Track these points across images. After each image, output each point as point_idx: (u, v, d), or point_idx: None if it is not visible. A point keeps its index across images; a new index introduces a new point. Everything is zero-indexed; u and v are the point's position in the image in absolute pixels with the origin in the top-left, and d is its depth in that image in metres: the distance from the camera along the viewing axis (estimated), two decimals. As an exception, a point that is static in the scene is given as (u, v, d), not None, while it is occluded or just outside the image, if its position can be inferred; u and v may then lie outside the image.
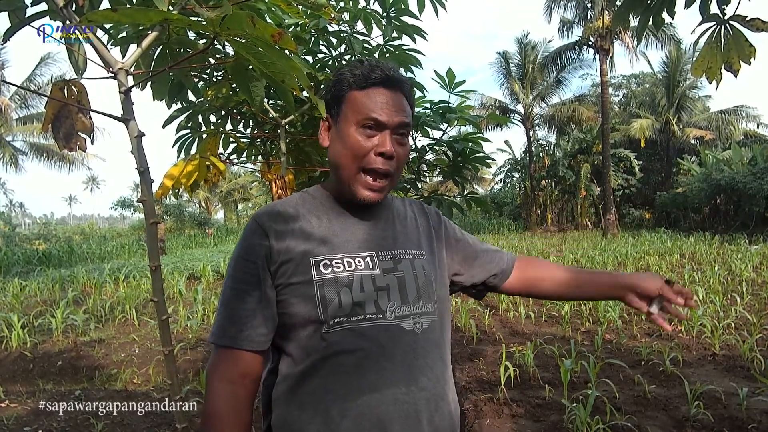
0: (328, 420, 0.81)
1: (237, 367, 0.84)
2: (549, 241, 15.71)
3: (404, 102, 0.90)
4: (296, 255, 0.84)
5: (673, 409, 2.95)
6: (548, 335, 4.55)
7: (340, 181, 0.90)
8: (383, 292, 0.85)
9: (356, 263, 0.86)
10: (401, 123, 0.88)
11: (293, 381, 0.84)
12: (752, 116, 21.95)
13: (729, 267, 8.30)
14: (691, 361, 3.80)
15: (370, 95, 0.87)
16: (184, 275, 8.61)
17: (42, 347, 4.81)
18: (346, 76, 0.89)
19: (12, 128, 21.30)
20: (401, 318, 0.85)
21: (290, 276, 0.83)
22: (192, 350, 4.53)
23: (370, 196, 0.88)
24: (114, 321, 5.71)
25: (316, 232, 0.87)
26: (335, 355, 0.81)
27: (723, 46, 1.34)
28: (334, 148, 0.90)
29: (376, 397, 0.81)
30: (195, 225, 27.75)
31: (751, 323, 4.49)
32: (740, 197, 16.12)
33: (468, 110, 2.21)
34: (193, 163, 1.44)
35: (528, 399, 3.14)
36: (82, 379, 4.07)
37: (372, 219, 0.92)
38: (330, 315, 0.81)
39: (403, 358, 0.83)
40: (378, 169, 0.86)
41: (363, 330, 0.82)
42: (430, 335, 0.88)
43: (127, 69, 0.87)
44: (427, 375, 0.85)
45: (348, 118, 0.87)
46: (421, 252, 0.94)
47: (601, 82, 18.78)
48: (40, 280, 8.96)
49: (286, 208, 0.89)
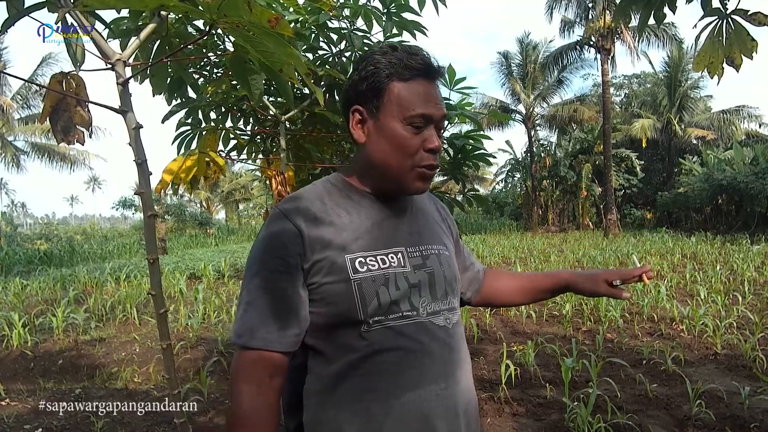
0: (370, 418, 0.79)
1: (267, 370, 0.80)
2: (550, 241, 15.69)
3: (440, 92, 0.88)
4: (331, 253, 0.81)
5: (675, 408, 2.93)
6: (549, 334, 4.53)
7: (385, 177, 0.86)
8: (415, 289, 0.84)
9: (389, 260, 0.84)
10: (443, 115, 0.87)
11: (328, 381, 0.82)
12: (754, 116, 21.93)
13: (731, 267, 8.28)
14: (693, 361, 3.79)
15: (414, 89, 0.83)
16: (185, 275, 8.61)
17: (43, 346, 4.81)
18: (382, 65, 0.84)
19: (14, 128, 21.33)
20: (432, 314, 0.85)
21: (325, 275, 0.80)
22: (192, 349, 4.53)
23: (423, 186, 0.87)
24: (115, 320, 5.71)
25: (348, 228, 0.84)
26: (376, 353, 0.80)
27: (725, 41, 1.33)
28: (377, 145, 0.85)
29: (419, 394, 0.81)
30: (196, 225, 27.78)
31: (753, 323, 4.47)
32: (742, 197, 16.08)
33: (469, 108, 2.20)
34: (192, 158, 1.43)
35: (529, 398, 3.13)
36: (82, 377, 4.07)
37: (398, 213, 0.91)
38: (369, 314, 0.80)
39: (440, 353, 0.84)
40: (431, 165, 0.85)
41: (402, 328, 0.82)
42: (457, 330, 0.89)
43: (125, 60, 0.87)
44: (461, 368, 0.87)
45: (393, 113, 0.83)
46: (444, 247, 0.94)
47: (603, 82, 18.76)
48: (41, 280, 8.96)
49: (314, 202, 0.85)
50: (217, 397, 3.37)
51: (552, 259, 10.24)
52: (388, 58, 0.84)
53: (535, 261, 10.14)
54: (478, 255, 11.79)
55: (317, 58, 2.03)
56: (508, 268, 9.13)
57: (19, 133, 21.90)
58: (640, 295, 5.89)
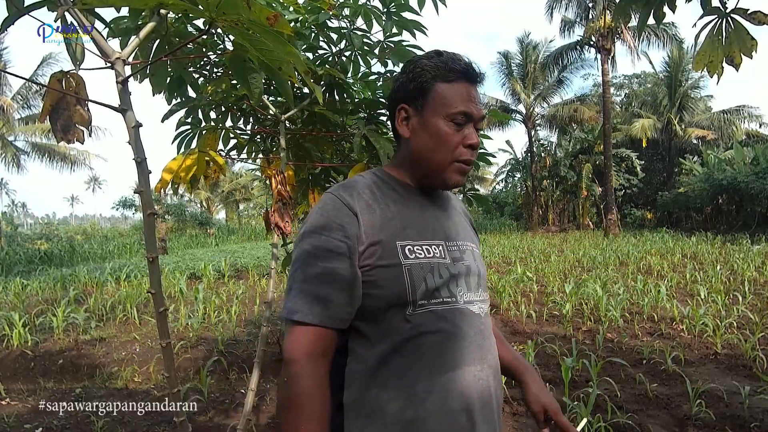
0: (413, 396, 0.84)
1: (321, 345, 0.84)
2: (550, 241, 15.68)
3: (479, 95, 0.95)
4: (383, 238, 0.86)
5: (675, 408, 2.93)
6: (549, 334, 4.53)
7: (428, 170, 0.93)
8: (454, 279, 0.90)
9: (433, 251, 0.90)
10: (483, 115, 0.94)
11: (371, 362, 0.86)
12: (754, 116, 21.92)
13: (731, 267, 8.28)
14: (693, 360, 3.79)
15: (456, 89, 0.91)
16: (185, 275, 8.61)
17: (43, 346, 4.81)
18: (428, 68, 0.92)
19: (14, 128, 21.32)
20: (468, 303, 0.91)
21: (379, 258, 0.85)
22: (193, 348, 4.53)
23: (461, 180, 0.94)
24: (115, 320, 5.71)
25: (397, 217, 0.90)
26: (419, 336, 0.85)
27: (724, 40, 1.33)
28: (421, 140, 0.92)
29: (459, 374, 0.86)
30: (196, 225, 27.78)
31: (753, 322, 4.47)
32: (742, 197, 16.07)
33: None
34: (192, 157, 1.43)
35: (529, 397, 3.12)
36: (82, 377, 4.07)
37: (439, 208, 0.98)
38: (418, 297, 0.85)
39: (475, 338, 0.90)
40: (469, 161, 0.92)
41: (443, 312, 0.87)
42: (488, 319, 0.96)
43: (125, 59, 0.87)
44: (492, 353, 0.93)
45: (436, 111, 0.90)
46: (476, 245, 1.01)
47: (603, 82, 18.75)
48: (41, 280, 8.96)
49: (365, 190, 0.91)
50: (217, 396, 3.37)
51: (552, 259, 10.24)
52: (434, 62, 0.92)
53: (535, 261, 10.14)
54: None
55: (317, 58, 2.03)
56: (508, 268, 9.13)
57: (19, 133, 21.90)
58: (640, 294, 5.89)
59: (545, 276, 8.13)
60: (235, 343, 4.67)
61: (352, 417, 0.87)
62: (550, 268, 8.86)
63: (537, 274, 8.19)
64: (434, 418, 0.84)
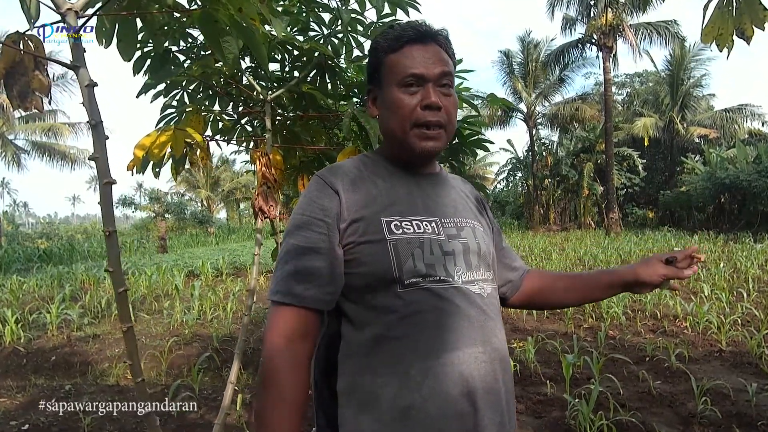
0: (408, 380, 0.79)
1: (300, 326, 0.81)
2: (552, 240, 15.59)
3: (442, 53, 0.88)
4: (367, 214, 0.83)
5: (679, 406, 2.85)
6: (550, 331, 4.45)
7: (395, 144, 0.90)
8: (450, 257, 0.84)
9: (424, 227, 0.85)
10: (442, 73, 0.86)
11: (364, 345, 0.82)
12: (757, 114, 21.78)
13: (734, 265, 8.18)
14: (697, 358, 3.70)
15: (405, 54, 0.87)
16: (183, 272, 8.56)
17: (36, 343, 4.75)
18: (379, 44, 0.90)
19: (14, 126, 21.30)
20: (468, 283, 0.85)
21: (361, 234, 0.82)
22: (187, 346, 4.46)
23: (427, 145, 0.87)
24: (110, 316, 5.65)
25: (383, 193, 0.87)
26: (414, 314, 0.80)
27: (735, 11, 1.25)
28: (382, 116, 0.91)
29: (458, 355, 0.80)
30: (196, 224, 27.75)
31: (758, 319, 4.38)
32: (745, 196, 15.97)
33: (466, 93, 2.12)
34: (167, 133, 1.35)
35: (529, 395, 3.05)
36: (75, 374, 4.00)
37: (434, 186, 0.93)
38: (405, 274, 0.80)
39: (477, 318, 0.84)
40: (429, 122, 0.85)
41: (439, 291, 0.82)
42: (492, 300, 0.89)
43: (77, 11, 0.79)
44: (497, 336, 0.86)
45: (389, 82, 0.88)
46: (480, 224, 0.96)
47: (605, 80, 18.64)
48: (38, 277, 8.92)
49: (350, 168, 0.90)
50: (210, 393, 3.29)
51: (553, 257, 10.15)
52: (386, 36, 0.90)
53: (537, 259, 10.05)
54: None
55: (308, 39, 1.95)
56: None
57: (19, 132, 21.87)
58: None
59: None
60: (230, 339, 4.59)
61: (346, 405, 0.82)
62: (551, 266, 8.78)
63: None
64: (431, 404, 0.78)
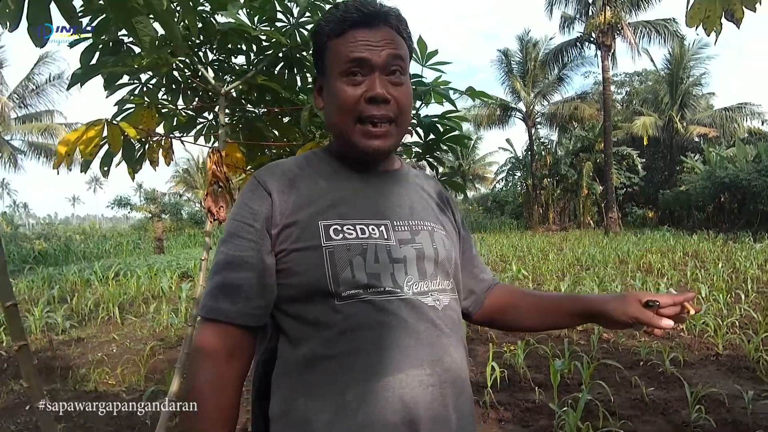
0: (343, 406, 0.69)
1: (226, 344, 0.73)
2: (550, 240, 15.47)
3: (392, 34, 0.78)
4: (302, 217, 0.75)
5: (673, 413, 2.74)
6: (543, 334, 4.34)
7: (340, 140, 0.81)
8: (399, 264, 0.75)
9: (370, 231, 0.75)
10: (390, 56, 0.76)
11: (298, 364, 0.73)
12: (757, 113, 21.65)
13: (733, 265, 8.07)
14: (693, 362, 3.59)
15: (348, 38, 0.76)
16: (176, 273, 8.46)
17: (19, 346, 4.66)
18: (322, 27, 0.80)
19: (11, 127, 21.22)
20: (420, 294, 0.75)
21: (295, 241, 0.74)
22: (171, 349, 4.36)
23: (372, 143, 0.77)
24: (96, 319, 5.55)
25: (325, 194, 0.77)
26: (352, 330, 0.71)
27: (723, -9, 1.14)
28: (326, 109, 0.81)
29: (400, 378, 0.70)
30: (194, 224, 27.66)
31: (756, 322, 4.27)
32: (744, 195, 15.86)
33: (444, 86, 2.01)
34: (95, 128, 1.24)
35: (517, 402, 2.94)
36: (55, 379, 3.90)
37: (387, 184, 0.83)
38: (342, 286, 0.71)
39: (426, 335, 0.74)
40: (373, 116, 0.76)
41: (383, 303, 0.72)
42: (449, 312, 0.78)
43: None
44: (451, 355, 0.76)
45: (332, 71, 0.78)
46: (441, 226, 0.85)
47: (603, 79, 18.54)
48: (30, 279, 8.82)
49: (291, 167, 0.81)
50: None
51: (550, 258, 10.04)
52: (327, 18, 0.80)
53: (534, 259, 9.94)
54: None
55: (276, 30, 1.84)
56: (504, 266, 8.93)
57: (16, 132, 21.79)
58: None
59: (542, 274, 7.94)
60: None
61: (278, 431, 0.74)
62: (547, 267, 8.67)
63: (534, 273, 7.99)
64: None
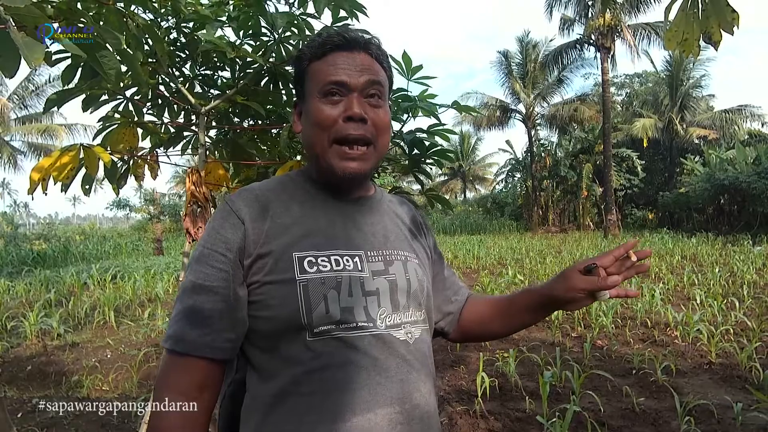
0: None
1: (194, 379, 0.71)
2: (549, 242, 15.46)
3: (372, 61, 0.80)
4: (276, 248, 0.73)
5: (663, 424, 2.74)
6: (536, 341, 4.34)
7: (316, 162, 0.80)
8: (372, 297, 0.75)
9: (344, 262, 0.75)
10: (368, 81, 0.77)
11: (268, 399, 0.72)
12: (757, 115, 21.64)
13: (731, 269, 8.06)
14: (686, 370, 3.59)
15: (329, 61, 0.78)
16: (173, 275, 8.45)
17: (15, 351, 4.66)
18: (303, 52, 0.82)
19: (10, 128, 21.26)
20: (392, 327, 0.75)
21: (268, 273, 0.72)
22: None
23: (348, 166, 0.76)
24: (92, 323, 5.55)
25: (300, 223, 0.76)
26: (323, 369, 0.70)
27: (700, 13, 1.14)
28: (304, 130, 0.81)
29: (369, 418, 0.70)
30: (194, 225, 27.59)
31: (750, 329, 4.27)
32: (744, 197, 15.83)
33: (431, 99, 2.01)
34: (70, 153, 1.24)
35: (507, 411, 2.93)
36: (49, 385, 3.90)
37: (361, 212, 0.83)
38: (315, 321, 0.70)
39: (396, 372, 0.73)
40: (349, 136, 0.76)
41: (354, 340, 0.72)
42: (420, 345, 0.79)
43: None
44: (420, 390, 0.76)
45: (312, 92, 0.79)
46: (414, 255, 0.85)
47: (603, 81, 18.52)
48: (27, 281, 8.82)
49: (265, 193, 0.79)
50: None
51: (548, 261, 10.02)
52: (309, 43, 0.83)
53: (531, 262, 9.93)
54: (475, 256, 11.59)
55: (261, 45, 1.85)
56: (501, 270, 8.92)
57: (15, 133, 21.82)
58: (634, 298, 5.68)
59: (539, 278, 7.93)
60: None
61: None
62: (544, 271, 8.65)
63: (530, 278, 7.98)
64: None
